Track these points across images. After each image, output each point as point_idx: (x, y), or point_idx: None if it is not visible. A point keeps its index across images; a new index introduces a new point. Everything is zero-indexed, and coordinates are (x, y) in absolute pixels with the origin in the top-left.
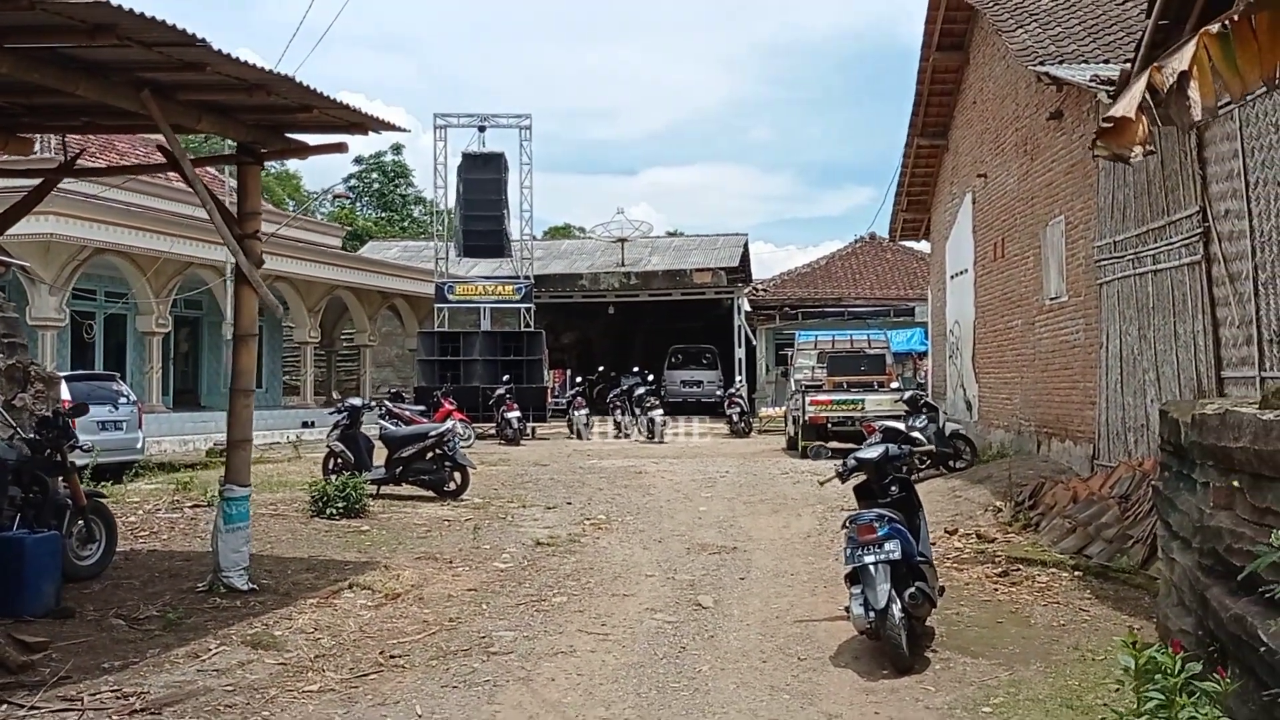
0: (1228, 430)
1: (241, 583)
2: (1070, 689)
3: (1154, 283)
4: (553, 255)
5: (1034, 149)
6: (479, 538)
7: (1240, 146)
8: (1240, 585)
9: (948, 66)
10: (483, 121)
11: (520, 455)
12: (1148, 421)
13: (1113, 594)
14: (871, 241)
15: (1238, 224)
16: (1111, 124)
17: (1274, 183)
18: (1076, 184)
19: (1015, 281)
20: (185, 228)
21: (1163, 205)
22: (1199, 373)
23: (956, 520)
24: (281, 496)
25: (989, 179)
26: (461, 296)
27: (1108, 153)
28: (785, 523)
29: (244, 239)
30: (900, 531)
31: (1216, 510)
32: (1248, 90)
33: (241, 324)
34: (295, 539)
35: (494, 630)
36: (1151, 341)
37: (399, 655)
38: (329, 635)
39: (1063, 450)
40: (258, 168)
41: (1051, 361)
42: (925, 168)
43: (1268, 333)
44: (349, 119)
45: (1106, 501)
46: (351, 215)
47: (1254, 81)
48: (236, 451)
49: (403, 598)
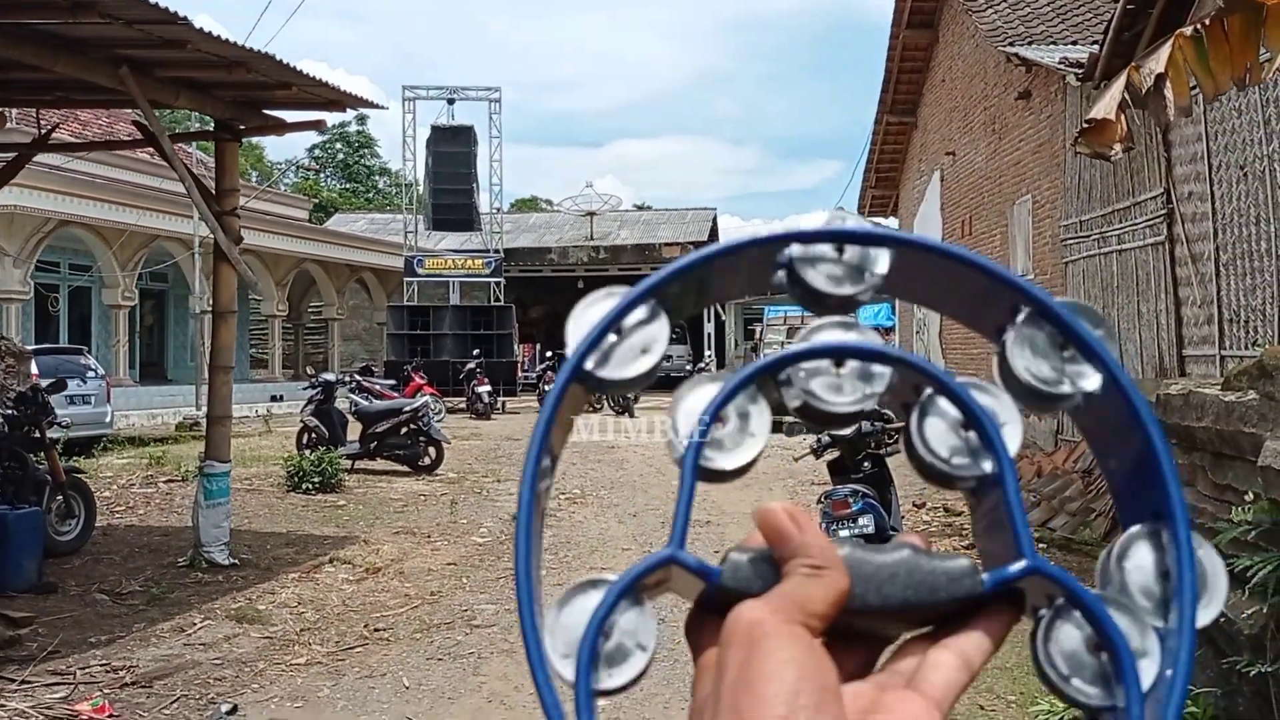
0: (1191, 410)
1: (223, 557)
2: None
3: (1119, 262)
4: (521, 229)
5: (1002, 128)
6: (456, 512)
7: (1204, 131)
8: None
9: (917, 44)
10: (452, 94)
11: (492, 430)
12: None
13: (1075, 565)
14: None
15: (1201, 206)
16: (1092, 124)
17: (1236, 166)
18: (1044, 164)
19: None
20: (152, 200)
21: (1128, 187)
22: (1161, 351)
23: (924, 494)
24: (256, 471)
25: (957, 157)
26: (431, 270)
27: (1089, 151)
28: (757, 497)
29: (222, 215)
30: (874, 507)
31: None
32: (1220, 90)
33: (220, 300)
34: (273, 514)
35: (475, 604)
36: (1115, 320)
37: (383, 628)
38: (312, 609)
39: (1028, 425)
40: (236, 144)
41: None
42: (894, 144)
43: (1228, 312)
44: (327, 96)
45: (1070, 476)
46: (316, 187)
47: (1225, 82)
48: (216, 427)
49: (383, 572)
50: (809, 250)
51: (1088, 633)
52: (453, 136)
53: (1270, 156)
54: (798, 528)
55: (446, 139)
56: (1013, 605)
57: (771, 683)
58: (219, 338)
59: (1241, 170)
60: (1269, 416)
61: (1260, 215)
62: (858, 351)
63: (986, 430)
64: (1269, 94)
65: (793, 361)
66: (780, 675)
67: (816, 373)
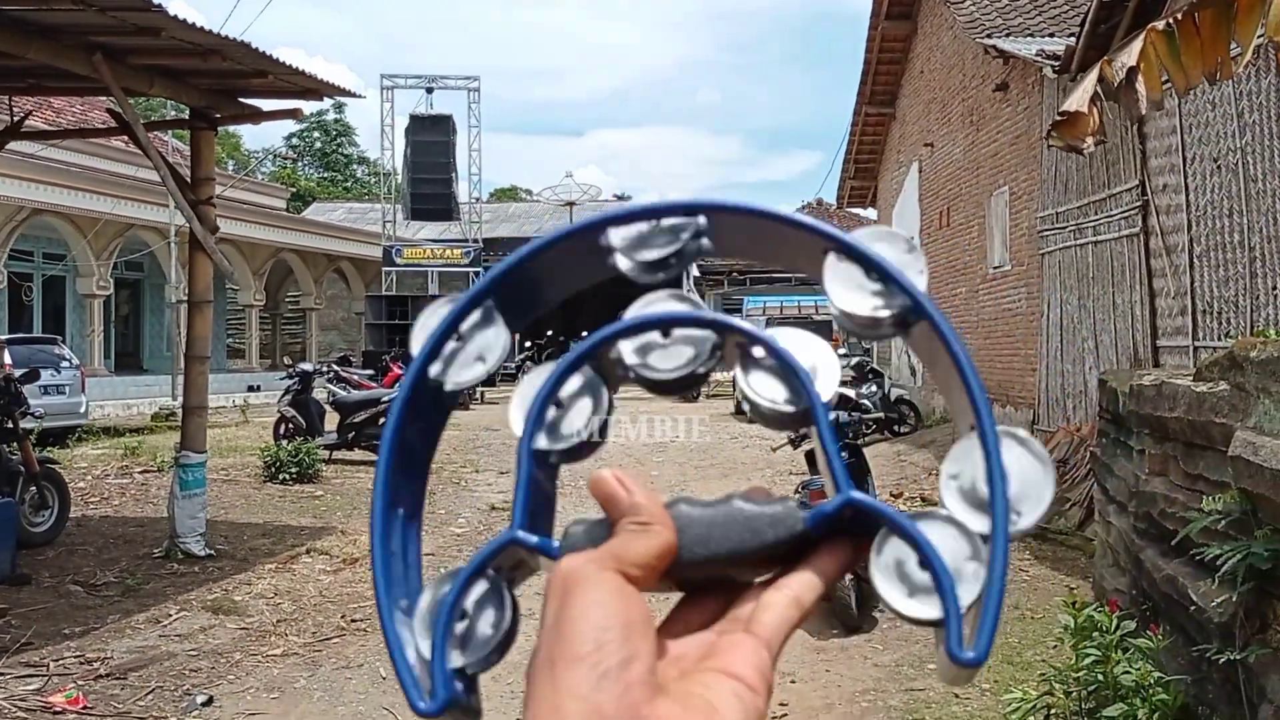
0: (1163, 400)
1: (198, 548)
2: (1011, 646)
3: (1094, 253)
4: (500, 218)
5: (980, 120)
6: (433, 502)
7: (1179, 123)
8: (1172, 548)
9: (896, 35)
10: (430, 83)
11: (470, 420)
12: (1086, 388)
13: (1051, 555)
14: (819, 207)
15: (1175, 198)
16: (1065, 117)
17: (1210, 159)
18: (1021, 155)
19: (960, 250)
20: (126, 189)
21: (1104, 179)
22: (1135, 341)
23: (901, 484)
24: (233, 462)
25: (936, 148)
26: (409, 260)
27: (1062, 143)
28: (735, 487)
29: (198, 204)
30: None
31: (1151, 476)
32: (1191, 85)
33: (196, 290)
34: (249, 504)
35: None
36: (1091, 311)
37: (360, 619)
38: (289, 600)
39: (1004, 415)
40: (211, 133)
41: (994, 329)
42: (873, 135)
43: (1201, 303)
44: (304, 84)
45: None
46: (293, 175)
47: (1196, 77)
48: (192, 418)
49: (360, 562)
50: (629, 231)
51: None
52: (431, 126)
53: (1243, 149)
54: (626, 491)
55: (425, 128)
56: (846, 543)
57: (579, 623)
58: (194, 327)
59: (1215, 163)
60: (1239, 407)
61: (1233, 207)
62: (673, 320)
63: (797, 374)
64: (1242, 87)
65: (614, 339)
66: (587, 615)
67: (648, 347)
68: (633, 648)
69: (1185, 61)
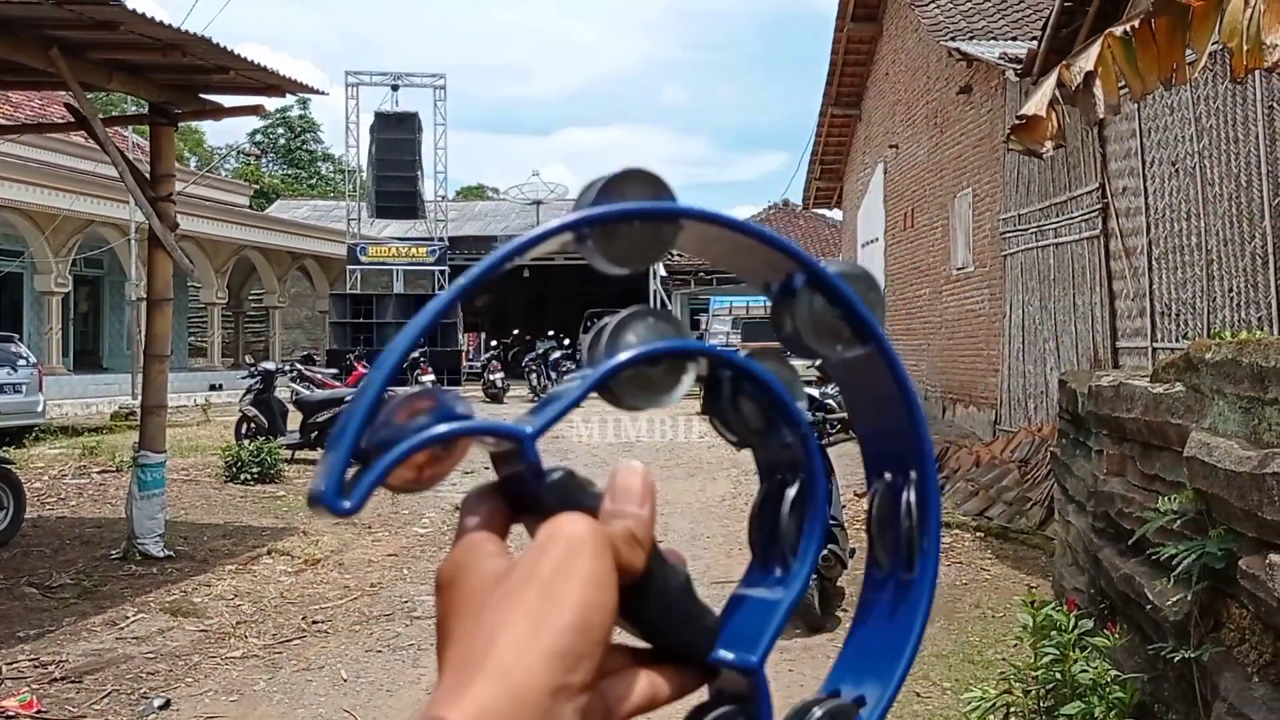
0: (1121, 401)
1: (157, 549)
2: (972, 644)
3: (1055, 255)
4: (466, 217)
5: (944, 122)
6: (397, 503)
7: (1138, 127)
8: (1130, 547)
9: (861, 37)
10: (396, 80)
11: None
12: (1047, 389)
13: (1012, 554)
14: (785, 208)
15: (1134, 201)
16: (1024, 120)
17: (1168, 163)
18: (984, 158)
19: (924, 251)
20: (86, 184)
21: (1065, 181)
22: (1095, 342)
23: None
24: (193, 461)
25: (900, 150)
26: (374, 258)
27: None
28: (700, 486)
29: (157, 201)
30: None
31: (1109, 476)
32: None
33: (155, 288)
34: (210, 504)
35: (416, 595)
36: (1052, 312)
37: (321, 620)
38: (249, 601)
39: (967, 415)
40: (171, 129)
41: (957, 330)
42: (839, 136)
43: (1160, 305)
44: (266, 80)
45: (1007, 465)
46: (257, 172)
47: (1153, 82)
48: (151, 417)
49: (322, 563)
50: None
51: None
52: (397, 123)
53: (1200, 153)
54: (646, 501)
55: (390, 125)
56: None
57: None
58: (154, 326)
59: (1173, 166)
60: (1194, 408)
61: (1191, 211)
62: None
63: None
64: (1200, 92)
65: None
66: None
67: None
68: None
69: (1142, 67)
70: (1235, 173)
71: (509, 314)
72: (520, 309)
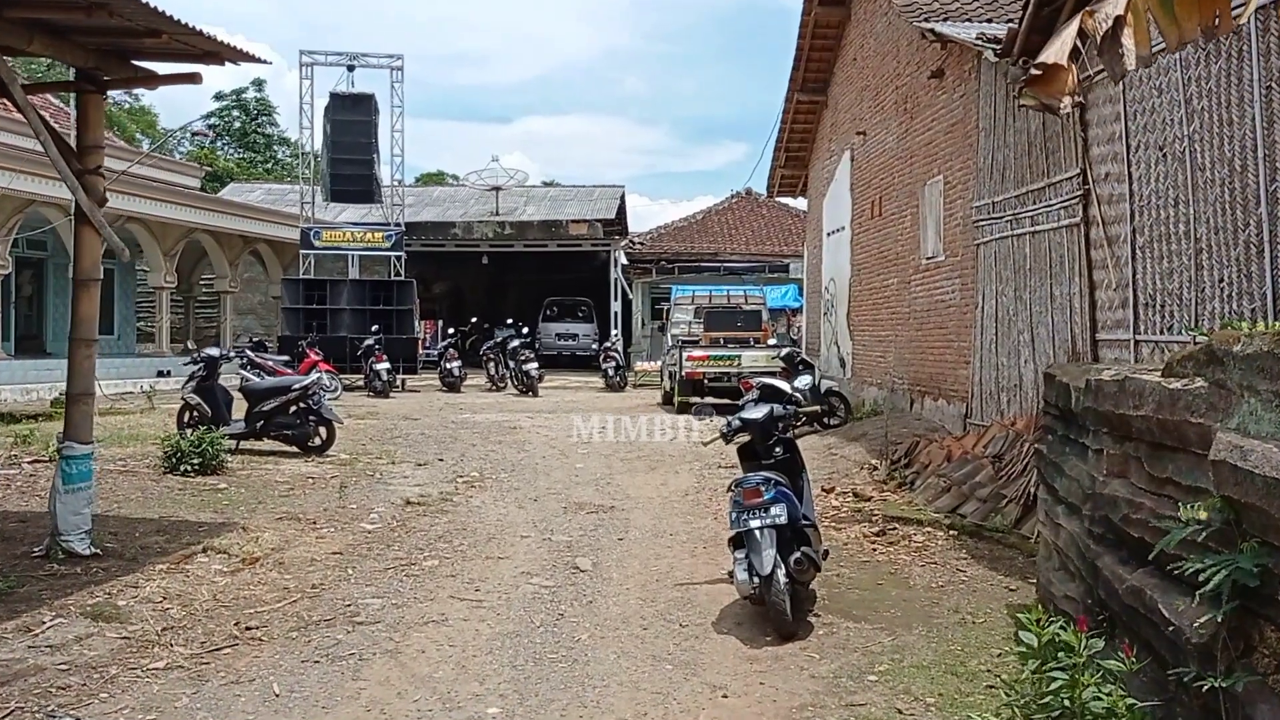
0: (1126, 397)
1: (83, 547)
2: (954, 654)
3: (1031, 244)
4: (424, 203)
5: (914, 108)
6: (345, 496)
7: (1123, 110)
8: (1135, 556)
9: (829, 21)
10: (352, 61)
11: (390, 408)
12: (1020, 381)
13: (988, 553)
14: (748, 197)
15: (1118, 188)
16: (1041, 71)
17: (1154, 147)
18: (956, 144)
19: (892, 240)
20: (26, 162)
21: (1043, 167)
22: (1074, 334)
23: (833, 478)
24: (132, 451)
25: (868, 137)
26: (328, 243)
27: (1035, 102)
28: (663, 480)
29: (84, 174)
30: (786, 495)
31: (1110, 478)
32: (1184, 40)
33: (82, 267)
34: (145, 498)
35: (360, 598)
36: (1027, 303)
37: (256, 626)
38: (179, 605)
39: (936, 409)
40: (100, 96)
41: (926, 320)
42: (804, 124)
43: (1143, 296)
44: (203, 47)
45: (980, 461)
46: (212, 155)
47: (1191, 30)
48: (77, 405)
49: (261, 562)
50: None
51: None
52: (353, 105)
53: (1190, 137)
54: None
55: (346, 107)
56: None
57: None
58: (81, 307)
59: (1161, 151)
60: (1219, 406)
61: (1179, 197)
62: None
63: None
64: (1191, 73)
65: None
66: None
67: None
68: None
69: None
70: (1229, 157)
71: (467, 301)
72: (479, 296)
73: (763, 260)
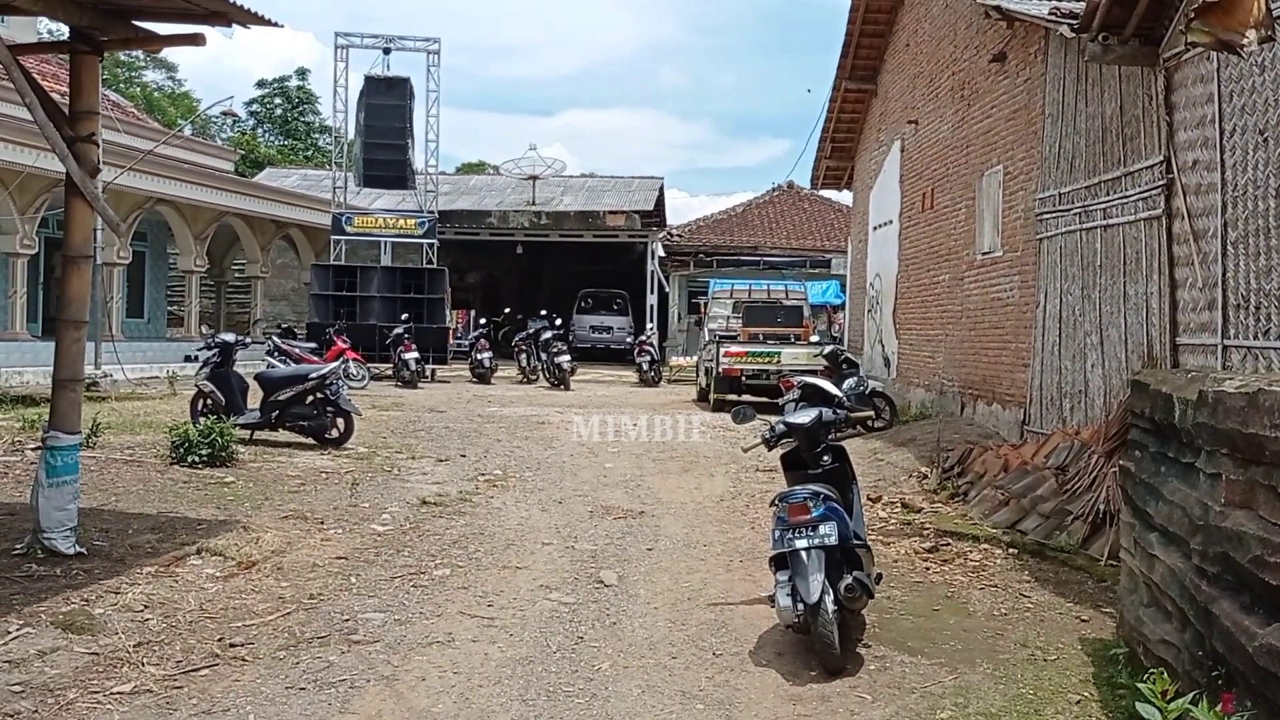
0: (1260, 414)
1: (66, 546)
2: (1026, 699)
3: (1103, 239)
4: (460, 191)
5: (972, 94)
6: (358, 494)
7: (1216, 90)
8: (1261, 603)
9: (881, 6)
10: (388, 43)
11: (416, 399)
12: (1086, 387)
13: (1053, 576)
14: (789, 190)
15: (1207, 176)
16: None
17: (1255, 131)
18: (1019, 131)
19: (944, 234)
20: None
21: (1118, 155)
22: (1150, 338)
23: (879, 486)
24: (142, 440)
25: (920, 126)
26: (360, 229)
27: (1210, 39)
28: (697, 484)
29: (76, 142)
30: (837, 512)
31: (1230, 509)
32: None
33: (73, 243)
34: (147, 490)
35: (360, 611)
36: (1096, 302)
37: (241, 643)
38: (160, 615)
39: (989, 414)
40: (95, 58)
41: (981, 320)
42: (851, 114)
43: (1235, 297)
44: (209, 6)
45: (1042, 473)
46: (253, 142)
47: None
48: (64, 392)
49: (259, 566)
50: None
51: None
52: (388, 89)
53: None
54: None
55: (381, 91)
56: None
57: None
58: (70, 286)
59: (1261, 135)
60: None
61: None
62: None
63: None
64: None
65: None
66: None
67: None
68: None
69: None
70: None
71: (501, 291)
72: (513, 286)
73: (804, 255)
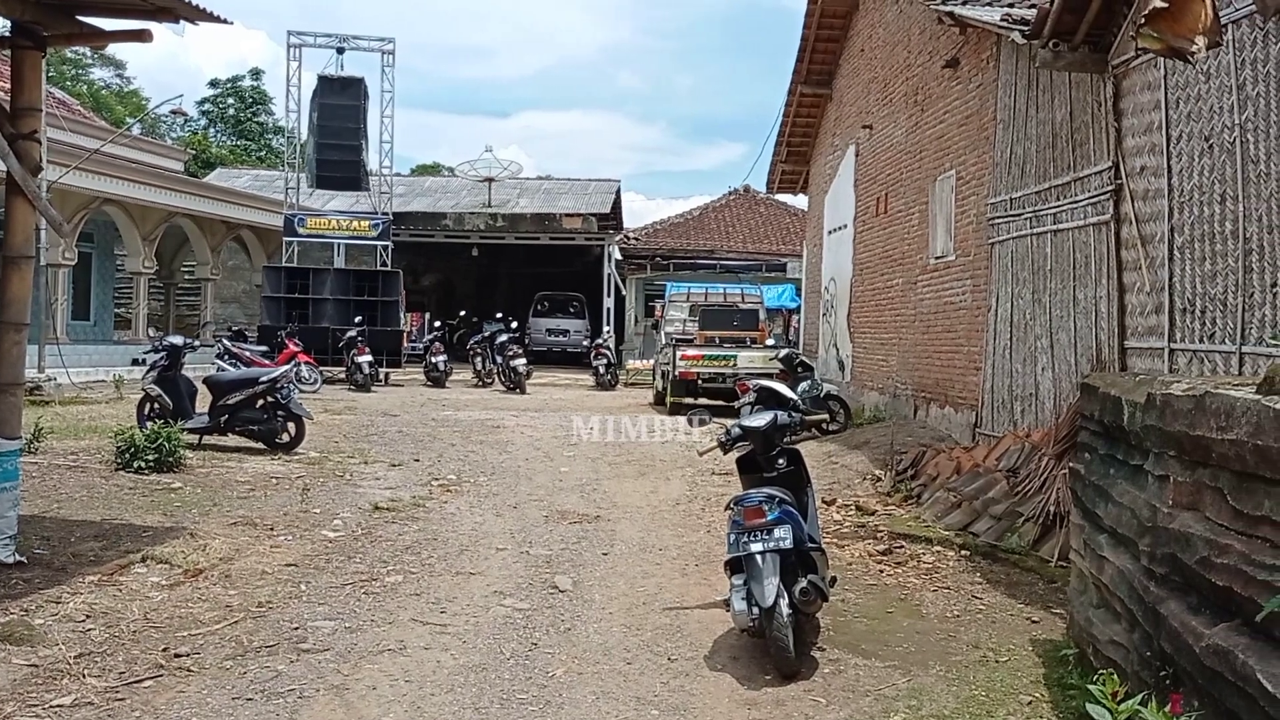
0: (1206, 416)
1: (6, 555)
2: (978, 700)
3: (1053, 243)
4: (415, 192)
5: (925, 99)
6: (309, 500)
7: (1163, 97)
8: (1208, 603)
9: (836, 11)
10: (342, 43)
11: (369, 403)
12: (1036, 390)
13: (1004, 577)
14: (745, 194)
15: (1154, 182)
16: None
17: (1200, 137)
18: (971, 137)
19: (898, 238)
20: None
21: (1068, 161)
22: (1099, 341)
23: (834, 489)
24: (86, 445)
25: (875, 131)
26: (313, 230)
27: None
28: (653, 487)
29: (17, 139)
30: (792, 515)
31: (1178, 510)
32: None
33: (14, 243)
34: (91, 497)
35: (310, 619)
36: (1046, 306)
37: (186, 653)
38: (103, 625)
39: (942, 416)
40: (38, 54)
41: (934, 323)
42: (807, 118)
43: (1181, 301)
44: (155, 2)
45: (993, 475)
46: (205, 142)
47: None
48: (3, 397)
49: (206, 574)
50: None
51: None
52: (341, 88)
53: (1242, 126)
54: None
55: (334, 91)
56: None
57: None
58: (10, 287)
59: (1206, 142)
60: None
61: (1226, 193)
62: None
63: None
64: (1245, 55)
65: None
66: None
67: None
68: None
69: None
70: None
71: (456, 294)
72: (468, 289)
73: (760, 259)
